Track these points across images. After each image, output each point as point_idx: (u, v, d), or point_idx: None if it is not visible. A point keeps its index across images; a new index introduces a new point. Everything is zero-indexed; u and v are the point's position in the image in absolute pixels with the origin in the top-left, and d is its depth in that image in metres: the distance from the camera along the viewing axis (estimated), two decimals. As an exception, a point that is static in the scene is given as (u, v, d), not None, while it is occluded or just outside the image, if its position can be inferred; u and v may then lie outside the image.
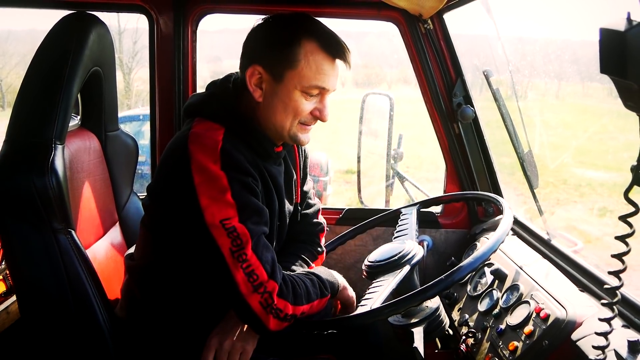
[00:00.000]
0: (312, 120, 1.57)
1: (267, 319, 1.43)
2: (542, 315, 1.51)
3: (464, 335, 1.74)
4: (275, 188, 1.64)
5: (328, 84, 1.53)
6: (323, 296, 1.57)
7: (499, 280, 1.81)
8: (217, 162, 1.42)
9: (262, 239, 1.46)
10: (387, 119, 2.80)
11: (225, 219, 1.40)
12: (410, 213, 1.89)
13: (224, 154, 1.44)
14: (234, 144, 1.49)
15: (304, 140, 1.60)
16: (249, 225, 1.42)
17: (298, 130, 1.57)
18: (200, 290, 1.61)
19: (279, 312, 1.43)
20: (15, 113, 1.54)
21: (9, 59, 23.07)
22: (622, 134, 12.12)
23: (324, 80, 1.52)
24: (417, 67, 2.22)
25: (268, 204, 1.58)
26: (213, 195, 1.41)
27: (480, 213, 2.36)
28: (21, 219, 1.50)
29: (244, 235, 1.41)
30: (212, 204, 1.41)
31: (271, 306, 1.42)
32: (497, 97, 1.98)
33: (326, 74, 1.52)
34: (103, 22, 1.74)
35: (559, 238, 1.96)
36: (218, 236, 1.40)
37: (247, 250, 1.41)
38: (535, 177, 1.99)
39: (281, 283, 1.45)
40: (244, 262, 1.40)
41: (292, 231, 1.80)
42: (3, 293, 2.02)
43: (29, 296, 1.56)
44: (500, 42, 1.98)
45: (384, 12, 2.18)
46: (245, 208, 1.43)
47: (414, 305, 1.43)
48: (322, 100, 1.55)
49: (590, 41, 6.06)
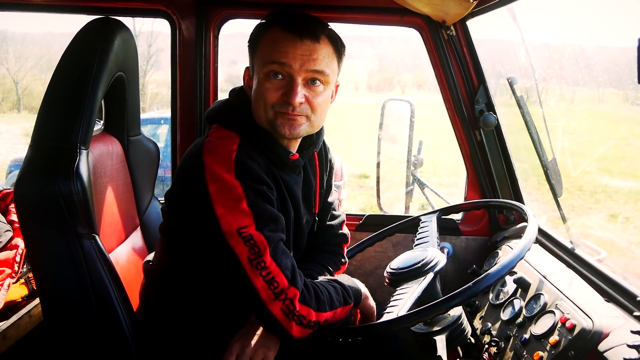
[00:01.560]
0: (286, 106, 1.48)
1: (289, 326, 1.42)
2: (567, 325, 1.49)
3: (486, 344, 1.72)
4: (291, 197, 1.62)
5: (287, 59, 1.46)
6: (346, 304, 1.56)
7: (522, 289, 1.79)
8: (231, 171, 1.42)
9: (280, 246, 1.45)
10: (407, 124, 2.78)
11: (242, 228, 1.40)
12: (430, 220, 1.88)
13: (238, 163, 1.44)
14: (248, 153, 1.49)
15: (284, 131, 1.51)
16: (265, 232, 1.42)
17: (275, 119, 1.51)
18: (217, 297, 1.61)
19: (302, 318, 1.42)
20: (41, 118, 1.55)
21: (25, 61, 23.30)
22: (638, 140, 12.02)
23: (281, 54, 1.46)
24: (439, 74, 2.21)
25: (283, 212, 1.56)
26: (228, 204, 1.41)
27: (502, 220, 2.34)
28: (46, 223, 1.50)
29: (261, 243, 1.40)
30: (228, 213, 1.41)
31: (293, 313, 1.41)
32: (522, 105, 1.97)
33: (284, 50, 1.46)
34: (127, 27, 1.75)
35: (582, 247, 1.94)
36: (235, 245, 1.40)
37: (265, 257, 1.40)
38: (559, 186, 1.98)
39: (302, 289, 1.43)
40: (263, 269, 1.40)
41: (315, 241, 1.79)
42: (25, 296, 2.04)
43: (53, 300, 1.57)
44: (526, 49, 1.97)
45: (407, 18, 2.17)
46: (262, 216, 1.43)
47: (440, 313, 1.42)
48: (291, 82, 1.48)
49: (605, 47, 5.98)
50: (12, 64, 23.05)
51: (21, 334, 1.95)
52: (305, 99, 1.50)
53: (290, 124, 1.51)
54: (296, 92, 1.46)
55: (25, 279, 2.08)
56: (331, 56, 1.53)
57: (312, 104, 1.51)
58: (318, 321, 1.45)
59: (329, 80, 1.52)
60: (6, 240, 2.13)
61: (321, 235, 1.81)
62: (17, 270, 2.06)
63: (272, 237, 1.43)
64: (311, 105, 1.51)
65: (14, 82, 22.21)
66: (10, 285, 2.00)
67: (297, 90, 1.47)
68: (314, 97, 1.51)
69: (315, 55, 1.47)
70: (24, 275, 2.08)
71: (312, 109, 1.52)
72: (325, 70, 1.50)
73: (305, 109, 1.51)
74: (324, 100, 1.54)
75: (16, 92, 22.19)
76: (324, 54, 1.49)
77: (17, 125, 17.07)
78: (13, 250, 2.10)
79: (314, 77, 1.49)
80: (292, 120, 1.51)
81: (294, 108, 1.48)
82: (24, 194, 1.49)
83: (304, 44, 1.47)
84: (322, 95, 1.53)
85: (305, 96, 1.49)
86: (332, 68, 1.53)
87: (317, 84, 1.50)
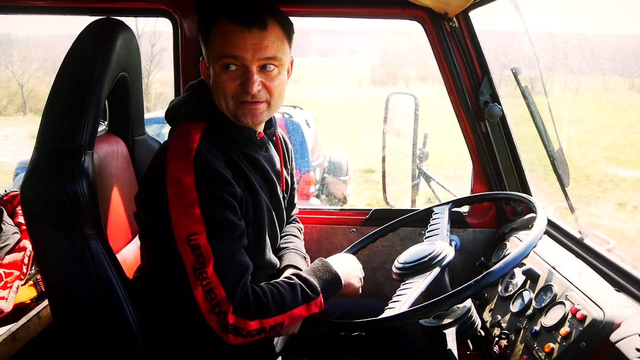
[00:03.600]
0: (245, 95, 1.52)
1: (226, 337, 1.42)
2: (578, 316, 1.48)
3: (496, 337, 1.72)
4: (265, 174, 1.66)
5: (238, 51, 1.48)
6: (308, 300, 1.52)
7: (531, 280, 1.78)
8: (190, 173, 1.43)
9: (230, 258, 1.44)
10: (412, 118, 2.77)
11: (191, 235, 1.41)
12: (442, 212, 1.86)
13: (197, 163, 1.45)
14: (212, 141, 1.53)
15: (247, 120, 1.56)
16: (214, 243, 1.42)
17: (237, 109, 1.55)
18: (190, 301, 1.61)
19: (238, 329, 1.42)
20: (45, 119, 1.55)
21: (29, 64, 23.38)
22: (646, 128, 11.96)
23: (232, 47, 1.49)
24: (443, 66, 2.20)
25: (257, 191, 1.59)
26: (182, 208, 1.42)
27: (509, 212, 2.33)
28: (52, 224, 1.50)
29: (207, 253, 1.41)
30: (181, 218, 1.42)
31: (227, 326, 1.41)
32: (527, 95, 1.95)
33: (234, 42, 1.48)
34: (129, 27, 1.75)
35: (591, 237, 1.93)
36: (183, 251, 1.42)
37: (207, 269, 1.40)
38: (566, 176, 1.96)
39: (240, 301, 1.42)
40: (203, 279, 1.40)
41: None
42: (34, 298, 2.05)
43: (61, 301, 1.57)
44: (529, 38, 1.95)
45: (409, 10, 2.16)
46: (214, 224, 1.43)
47: (444, 309, 1.41)
48: (246, 72, 1.50)
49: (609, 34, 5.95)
50: (16, 66, 23.12)
51: (31, 335, 1.96)
52: (262, 85, 1.54)
53: (252, 113, 1.56)
54: (252, 81, 1.50)
55: (33, 281, 2.08)
56: (281, 39, 1.55)
57: (270, 88, 1.55)
58: (263, 328, 1.44)
59: (282, 62, 1.56)
60: (14, 243, 2.13)
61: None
62: (25, 272, 2.06)
63: (221, 247, 1.43)
64: (269, 90, 1.55)
65: (19, 85, 22.28)
66: (19, 287, 2.01)
67: (253, 79, 1.50)
68: (271, 82, 1.54)
69: (265, 43, 1.50)
70: (33, 277, 2.09)
71: (271, 93, 1.56)
72: (277, 55, 1.53)
73: (264, 95, 1.55)
74: (280, 82, 1.58)
75: (21, 94, 22.27)
76: (273, 39, 1.52)
77: (23, 128, 17.13)
78: (21, 252, 2.10)
79: (267, 63, 1.52)
80: (254, 109, 1.55)
81: (253, 96, 1.52)
82: (30, 196, 1.49)
83: (252, 33, 1.49)
84: (278, 78, 1.56)
85: (262, 82, 1.53)
86: (284, 50, 1.56)
87: (272, 69, 1.54)
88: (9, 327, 1.89)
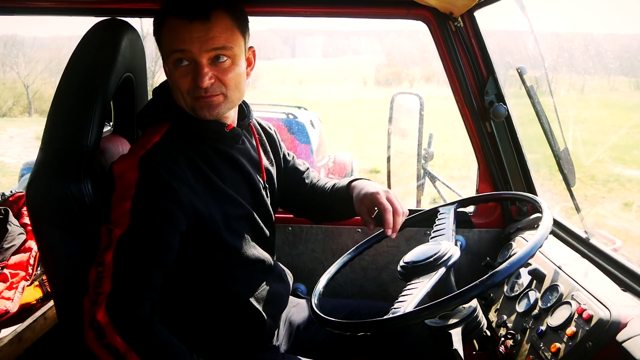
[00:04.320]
0: (198, 90, 1.50)
1: (86, 332, 1.36)
2: (584, 316, 1.47)
3: (502, 337, 1.71)
4: (240, 167, 1.66)
5: (184, 45, 1.47)
6: None
7: (537, 280, 1.77)
8: (135, 171, 1.44)
9: (137, 264, 1.40)
10: (417, 118, 2.77)
11: (114, 224, 1.41)
12: (448, 212, 1.85)
13: (143, 164, 1.45)
14: (174, 143, 1.53)
15: (204, 114, 1.54)
16: (129, 243, 1.40)
17: (194, 104, 1.54)
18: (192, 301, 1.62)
19: (101, 333, 1.35)
20: (51, 120, 1.56)
21: (35, 65, 23.48)
22: (651, 128, 11.92)
23: (179, 42, 1.47)
24: (448, 66, 2.19)
25: (223, 189, 1.58)
26: (118, 200, 1.42)
27: (515, 212, 2.32)
28: (58, 225, 1.51)
29: (117, 245, 1.39)
30: (115, 207, 1.42)
31: (93, 321, 1.35)
32: (532, 95, 1.94)
33: (180, 37, 1.47)
34: (134, 28, 1.76)
35: (597, 236, 1.92)
36: (101, 233, 1.42)
37: (108, 256, 1.38)
38: (572, 175, 1.95)
39: (122, 309, 1.36)
40: (99, 265, 1.38)
41: (313, 202, 1.96)
42: (40, 299, 2.05)
43: (67, 302, 1.57)
44: (534, 38, 1.94)
45: (414, 10, 2.15)
46: (138, 227, 1.42)
47: (450, 309, 1.41)
48: (196, 66, 1.48)
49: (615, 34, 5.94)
50: (22, 68, 23.24)
51: (37, 336, 1.96)
52: (216, 78, 1.51)
53: (208, 106, 1.53)
54: (202, 75, 1.48)
55: (39, 282, 2.09)
56: (230, 29, 1.52)
57: (224, 81, 1.53)
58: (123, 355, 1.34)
59: (234, 52, 1.53)
60: (20, 243, 2.15)
61: (312, 197, 1.96)
62: (31, 272, 2.07)
63: (134, 250, 1.40)
64: (223, 82, 1.53)
65: (25, 86, 22.38)
66: (25, 288, 2.02)
67: (202, 72, 1.48)
68: (224, 74, 1.52)
69: (211, 34, 1.48)
70: (38, 277, 2.10)
71: (226, 86, 1.53)
72: (226, 45, 1.50)
73: (218, 88, 1.53)
74: (236, 74, 1.55)
75: (27, 96, 22.37)
76: (221, 30, 1.49)
77: (29, 129, 17.19)
78: (27, 253, 2.11)
79: (216, 54, 1.50)
80: (209, 102, 1.53)
81: (206, 90, 1.50)
82: (36, 197, 1.49)
83: (196, 25, 1.47)
84: (232, 70, 1.53)
85: (215, 75, 1.51)
86: (234, 40, 1.53)
87: (223, 60, 1.51)
88: (15, 327, 1.89)
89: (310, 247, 2.40)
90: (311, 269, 2.40)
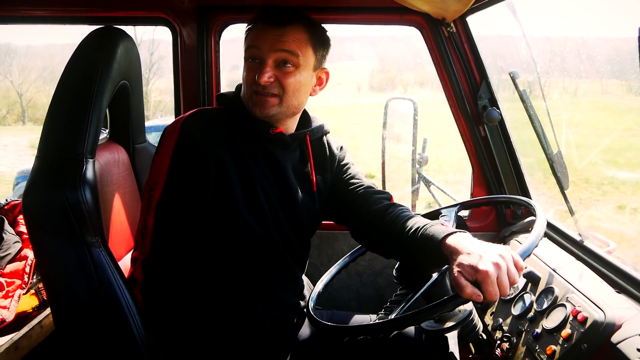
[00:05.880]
0: (256, 85, 1.60)
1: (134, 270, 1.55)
2: (579, 318, 1.48)
3: (498, 340, 1.72)
4: (278, 169, 1.69)
5: (258, 43, 1.60)
6: None
7: (532, 283, 1.78)
8: (176, 132, 1.55)
9: (171, 233, 1.53)
10: (411, 123, 2.78)
11: (153, 185, 1.55)
12: (449, 214, 1.85)
13: (183, 125, 1.56)
14: (221, 117, 1.64)
15: (256, 110, 1.63)
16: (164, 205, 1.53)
17: (250, 98, 1.63)
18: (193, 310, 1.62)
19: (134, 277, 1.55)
20: (47, 128, 1.56)
21: (28, 73, 23.44)
22: (644, 131, 11.97)
23: (254, 40, 1.61)
24: (441, 71, 2.21)
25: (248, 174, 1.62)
26: (160, 157, 1.55)
27: (509, 216, 2.33)
28: (54, 233, 1.50)
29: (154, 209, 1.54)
30: (157, 165, 1.56)
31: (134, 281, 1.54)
32: (525, 99, 1.96)
33: (257, 36, 1.61)
34: (129, 35, 1.76)
35: (590, 239, 1.93)
36: (144, 197, 1.57)
37: (147, 219, 1.54)
38: (565, 178, 1.97)
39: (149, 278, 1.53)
40: (143, 227, 1.55)
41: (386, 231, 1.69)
42: (36, 307, 2.04)
43: (64, 309, 1.57)
44: (527, 42, 1.96)
45: (407, 16, 2.17)
46: (172, 185, 1.53)
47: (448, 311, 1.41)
48: (261, 64, 1.60)
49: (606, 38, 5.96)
50: (15, 76, 23.20)
51: (33, 344, 1.95)
52: (276, 78, 1.60)
53: (261, 104, 1.62)
54: (264, 71, 1.58)
55: (35, 290, 2.08)
56: (302, 40, 1.62)
57: (283, 84, 1.61)
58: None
59: (300, 62, 1.62)
60: (15, 252, 2.14)
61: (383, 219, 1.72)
62: (27, 281, 2.06)
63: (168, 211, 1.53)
64: (282, 85, 1.61)
65: (18, 95, 22.34)
66: (21, 296, 2.01)
67: (265, 69, 1.58)
68: (284, 78, 1.61)
69: (283, 38, 1.59)
70: (34, 285, 2.09)
71: (284, 89, 1.61)
72: (294, 50, 1.60)
73: (276, 88, 1.61)
74: (297, 82, 1.63)
75: (20, 104, 22.33)
76: (293, 37, 1.60)
77: (22, 137, 17.17)
78: (22, 261, 2.10)
79: (283, 57, 1.60)
80: (264, 101, 1.62)
81: (264, 87, 1.60)
82: (32, 205, 1.49)
83: (273, 28, 1.60)
84: (294, 76, 1.62)
85: (275, 75, 1.60)
86: (304, 51, 1.62)
87: (288, 65, 1.61)
88: (11, 336, 1.89)
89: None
90: (307, 274, 2.40)
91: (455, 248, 1.39)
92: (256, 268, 1.68)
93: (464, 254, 1.35)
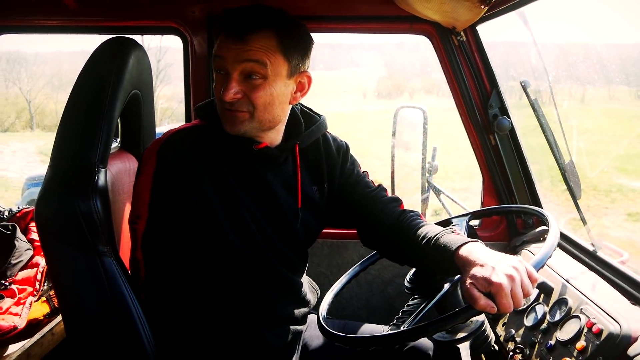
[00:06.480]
0: (225, 102, 1.48)
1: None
2: (594, 330, 1.47)
3: (511, 351, 1.71)
4: (266, 190, 1.61)
5: (222, 52, 1.47)
6: None
7: (545, 294, 1.77)
8: (153, 160, 1.51)
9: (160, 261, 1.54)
10: (420, 131, 2.78)
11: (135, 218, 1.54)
12: (460, 224, 1.83)
13: (160, 154, 1.50)
14: (200, 135, 1.56)
15: (227, 127, 1.53)
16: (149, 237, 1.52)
17: (221, 115, 1.54)
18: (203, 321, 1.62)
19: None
20: (59, 137, 1.56)
21: (36, 81, 23.59)
22: (653, 137, 11.90)
23: (219, 49, 1.48)
24: (451, 80, 2.21)
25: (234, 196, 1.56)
26: (141, 187, 1.53)
27: (520, 225, 2.32)
28: (66, 242, 1.51)
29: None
30: (138, 196, 1.54)
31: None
32: (536, 108, 1.95)
33: (221, 45, 1.47)
34: (141, 45, 1.77)
35: (603, 249, 1.92)
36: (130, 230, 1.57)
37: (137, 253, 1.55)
38: (578, 188, 1.96)
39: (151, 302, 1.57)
40: (134, 261, 1.56)
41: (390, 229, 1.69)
42: (47, 314, 2.05)
43: (75, 317, 1.57)
44: (538, 50, 1.96)
45: (417, 25, 2.17)
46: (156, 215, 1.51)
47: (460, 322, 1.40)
48: (226, 77, 1.48)
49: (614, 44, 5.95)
50: (24, 83, 23.36)
51: (44, 351, 1.96)
52: (244, 94, 1.48)
53: (232, 120, 1.51)
54: (228, 88, 1.46)
55: (46, 297, 2.09)
56: (272, 48, 1.47)
57: (251, 99, 1.48)
58: None
59: (268, 72, 1.48)
60: (27, 259, 2.14)
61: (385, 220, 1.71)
62: (38, 288, 2.07)
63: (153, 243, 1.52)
64: (250, 100, 1.49)
65: (27, 101, 22.48)
66: (32, 304, 2.02)
67: (229, 85, 1.46)
68: (252, 92, 1.48)
69: (248, 47, 1.45)
70: (45, 293, 2.10)
71: (253, 105, 1.49)
72: (261, 59, 1.46)
73: (244, 105, 1.49)
74: (267, 95, 1.49)
75: (29, 111, 22.45)
76: (259, 45, 1.45)
77: (31, 144, 17.25)
78: (34, 268, 2.11)
79: (249, 68, 1.46)
80: (233, 117, 1.51)
81: (231, 104, 1.48)
82: (45, 213, 1.49)
83: (237, 36, 1.45)
84: (263, 90, 1.48)
85: (243, 91, 1.48)
86: (273, 59, 1.48)
87: (255, 78, 1.47)
88: (23, 343, 1.89)
89: (315, 262, 2.40)
90: (317, 284, 2.39)
91: (468, 259, 1.36)
92: (252, 288, 1.63)
93: (477, 265, 1.32)
